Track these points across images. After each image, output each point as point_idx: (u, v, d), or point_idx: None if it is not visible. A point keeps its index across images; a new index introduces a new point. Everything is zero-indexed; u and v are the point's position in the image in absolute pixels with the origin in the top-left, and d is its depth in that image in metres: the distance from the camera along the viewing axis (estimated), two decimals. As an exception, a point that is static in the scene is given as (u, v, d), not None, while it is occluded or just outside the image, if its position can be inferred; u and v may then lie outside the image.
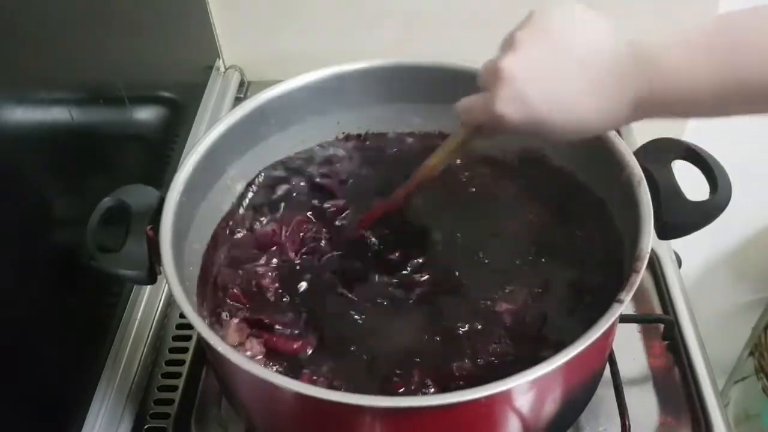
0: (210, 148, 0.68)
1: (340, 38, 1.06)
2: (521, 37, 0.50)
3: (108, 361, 0.73)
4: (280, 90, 0.72)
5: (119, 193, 0.63)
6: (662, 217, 0.60)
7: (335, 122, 0.78)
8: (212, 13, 1.06)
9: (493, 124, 0.52)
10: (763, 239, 1.34)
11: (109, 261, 0.60)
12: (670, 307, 0.77)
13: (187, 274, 0.64)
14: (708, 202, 0.61)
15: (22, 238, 0.59)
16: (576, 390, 0.60)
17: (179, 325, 0.78)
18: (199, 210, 0.68)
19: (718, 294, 1.41)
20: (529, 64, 0.49)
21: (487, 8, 1.02)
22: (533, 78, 0.49)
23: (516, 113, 0.50)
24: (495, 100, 0.50)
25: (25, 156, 0.60)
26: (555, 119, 0.50)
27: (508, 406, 0.54)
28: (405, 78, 0.75)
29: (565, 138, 0.52)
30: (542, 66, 0.49)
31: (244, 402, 0.64)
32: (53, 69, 0.65)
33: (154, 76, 0.90)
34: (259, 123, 0.72)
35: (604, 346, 0.64)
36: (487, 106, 0.51)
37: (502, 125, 0.51)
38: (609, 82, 0.49)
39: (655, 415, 0.69)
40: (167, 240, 0.59)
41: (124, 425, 0.69)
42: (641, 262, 0.54)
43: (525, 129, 0.51)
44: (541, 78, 0.49)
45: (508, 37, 0.52)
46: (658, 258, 0.81)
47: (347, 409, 0.51)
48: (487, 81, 0.52)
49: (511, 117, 0.50)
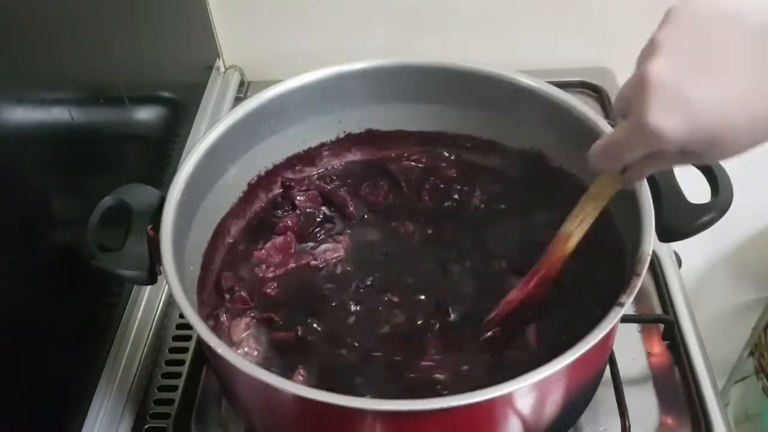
0: (211, 147, 0.68)
1: (340, 38, 1.06)
2: (665, 36, 0.41)
3: (108, 361, 0.73)
4: (281, 89, 0.72)
5: (120, 193, 0.63)
6: (663, 219, 0.60)
7: (336, 121, 0.78)
8: (212, 13, 1.06)
9: (648, 148, 0.42)
10: (763, 239, 1.34)
11: (110, 260, 0.60)
12: (670, 307, 0.77)
13: (188, 273, 0.64)
14: (709, 204, 0.60)
15: (22, 238, 0.59)
16: (576, 392, 0.60)
17: (179, 325, 0.78)
18: (200, 209, 0.68)
19: (718, 294, 1.41)
20: (685, 62, 0.40)
21: (489, 8, 1.02)
22: (694, 76, 0.40)
23: (679, 123, 0.40)
24: (646, 115, 0.40)
25: (25, 156, 0.60)
26: (735, 118, 0.39)
27: (509, 408, 0.54)
28: (406, 78, 0.75)
29: (754, 142, 0.41)
30: (704, 60, 0.40)
31: (243, 403, 0.64)
32: (53, 69, 0.65)
33: (154, 76, 0.90)
34: (260, 122, 0.73)
35: (604, 349, 0.64)
36: (636, 129, 0.42)
37: (661, 144, 0.41)
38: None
39: (655, 415, 0.69)
40: (168, 239, 0.59)
41: (124, 425, 0.69)
42: (642, 265, 0.54)
43: (695, 142, 0.41)
44: (705, 74, 0.39)
45: (647, 46, 0.43)
46: (658, 258, 0.81)
47: (347, 412, 0.50)
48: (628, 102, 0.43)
49: (675, 129, 0.40)
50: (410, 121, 0.79)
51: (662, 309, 0.78)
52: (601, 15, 1.03)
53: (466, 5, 1.03)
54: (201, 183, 0.67)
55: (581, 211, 0.54)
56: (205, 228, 0.70)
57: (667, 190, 0.61)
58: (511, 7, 1.03)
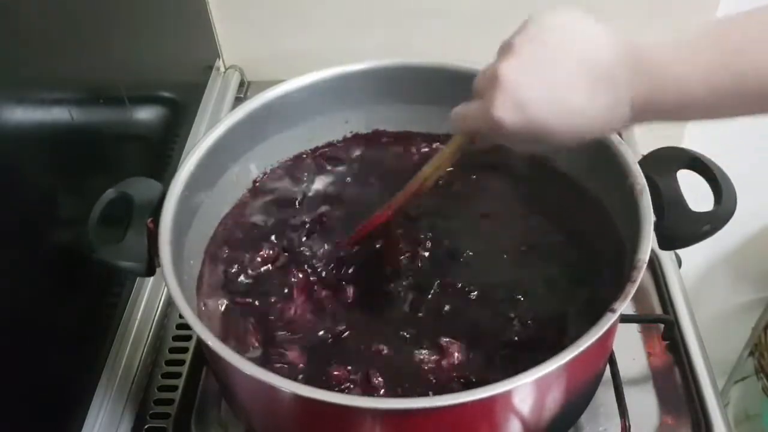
0: (214, 144, 0.68)
1: (340, 38, 1.06)
2: (518, 42, 0.50)
3: (108, 361, 0.73)
4: (287, 88, 0.72)
5: (123, 186, 0.63)
6: (664, 227, 0.60)
7: (343, 121, 0.78)
8: (212, 13, 1.06)
9: (490, 131, 0.52)
10: (763, 239, 1.34)
11: (109, 252, 0.60)
12: (670, 307, 0.77)
13: (187, 268, 0.64)
14: (711, 213, 0.60)
15: (22, 238, 0.59)
16: (575, 392, 0.60)
17: (179, 325, 0.78)
18: (202, 205, 0.68)
19: (718, 294, 1.41)
20: (527, 69, 0.49)
21: (489, 8, 1.02)
22: (531, 83, 0.49)
23: (514, 118, 0.49)
24: (493, 105, 0.50)
25: (25, 156, 0.60)
26: (553, 123, 0.50)
27: (508, 407, 0.54)
28: (409, 78, 0.75)
29: (563, 143, 0.51)
30: (540, 71, 0.49)
31: (243, 403, 0.64)
32: (53, 69, 0.65)
33: (154, 76, 0.90)
34: (266, 120, 0.73)
35: (602, 350, 0.64)
36: (485, 113, 0.51)
37: (500, 131, 0.51)
38: (607, 85, 0.49)
39: (655, 415, 0.69)
40: (167, 232, 0.59)
41: (124, 425, 0.69)
42: (638, 272, 0.54)
43: (523, 135, 0.51)
44: (539, 83, 0.49)
45: (504, 44, 0.52)
46: (658, 258, 0.81)
47: (346, 411, 0.51)
48: (483, 87, 0.52)
49: (510, 122, 0.50)
50: (416, 121, 0.79)
51: (662, 309, 0.78)
52: (600, 15, 1.03)
53: (466, 5, 1.03)
54: (204, 179, 0.67)
55: (437, 159, 0.62)
56: (207, 224, 0.70)
57: (669, 198, 0.61)
58: (511, 7, 1.02)
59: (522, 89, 0.49)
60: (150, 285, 0.81)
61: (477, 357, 0.62)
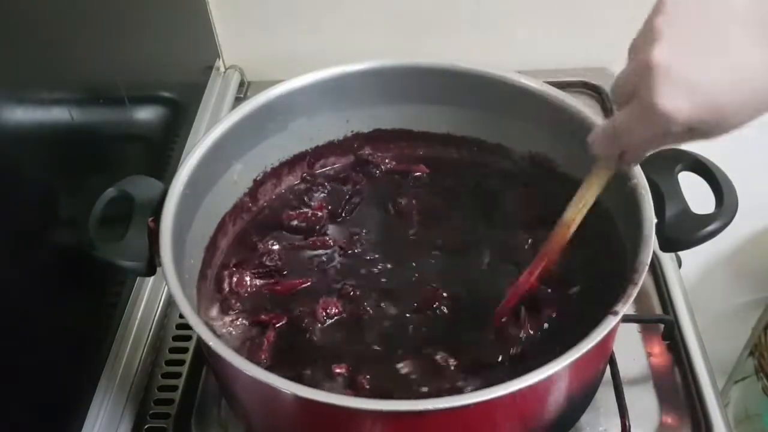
0: (215, 143, 0.68)
1: (340, 38, 1.06)
2: (660, 23, 0.44)
3: (108, 361, 0.73)
4: (287, 88, 0.72)
5: (123, 184, 0.63)
6: (665, 229, 0.60)
7: (344, 120, 0.78)
8: (212, 13, 1.06)
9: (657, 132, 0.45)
10: (763, 239, 1.34)
11: (109, 251, 0.60)
12: (670, 307, 0.77)
13: (187, 266, 0.64)
14: (713, 215, 0.60)
15: (22, 238, 0.59)
16: (576, 393, 0.60)
17: (179, 325, 0.78)
18: (203, 204, 0.68)
19: (718, 294, 1.41)
20: (682, 45, 0.43)
21: (489, 8, 1.02)
22: (695, 59, 0.43)
23: (687, 105, 0.43)
24: (658, 100, 0.43)
25: (25, 156, 0.60)
26: (731, 98, 0.43)
27: (508, 409, 0.54)
28: (411, 78, 0.75)
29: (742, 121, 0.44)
30: (699, 43, 0.43)
31: (243, 403, 0.64)
32: (53, 69, 0.65)
33: (154, 76, 0.90)
34: (267, 119, 0.73)
35: (602, 353, 0.64)
36: (645, 114, 0.45)
37: (671, 127, 0.44)
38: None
39: (655, 415, 0.69)
40: (168, 231, 0.59)
41: (124, 425, 0.69)
42: (639, 274, 0.54)
43: (696, 123, 0.44)
44: (704, 55, 0.43)
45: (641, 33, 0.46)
46: (658, 258, 0.81)
47: (346, 412, 0.50)
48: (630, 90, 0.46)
49: (684, 112, 0.43)
50: (419, 122, 0.79)
51: (662, 309, 0.78)
52: (601, 15, 1.03)
53: (466, 6, 1.03)
54: (205, 178, 0.67)
55: (581, 198, 0.56)
56: (208, 223, 0.70)
57: (670, 200, 0.61)
58: (511, 8, 1.03)
59: (687, 69, 0.43)
60: (150, 285, 0.81)
61: (476, 356, 0.62)
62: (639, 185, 0.60)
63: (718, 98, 0.43)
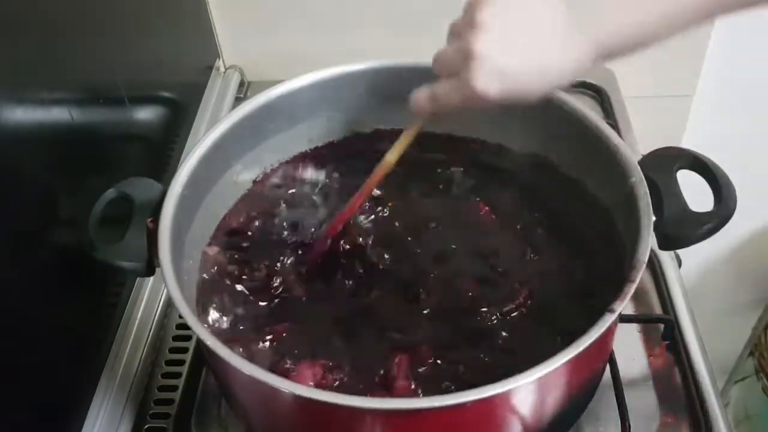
0: (214, 144, 0.68)
1: (340, 38, 1.06)
2: (482, 15, 0.51)
3: (108, 361, 0.73)
4: (287, 88, 0.72)
5: (123, 185, 0.63)
6: (664, 227, 0.59)
7: (344, 121, 0.78)
8: (212, 13, 1.06)
9: (470, 103, 0.54)
10: (763, 239, 1.34)
11: (109, 252, 0.60)
12: (670, 307, 0.77)
13: (186, 267, 0.64)
14: (711, 213, 0.60)
15: (22, 238, 0.59)
16: (575, 392, 0.59)
17: (179, 325, 0.78)
18: (202, 205, 0.68)
19: (718, 294, 1.41)
20: (498, 37, 0.51)
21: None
22: (507, 51, 0.51)
23: (498, 87, 0.52)
24: (474, 80, 0.51)
25: (25, 156, 0.60)
26: (533, 81, 0.53)
27: (507, 408, 0.54)
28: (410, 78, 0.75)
29: (537, 97, 0.54)
30: (511, 37, 0.51)
31: (243, 403, 0.64)
32: (53, 69, 0.65)
33: (154, 76, 0.90)
34: (266, 120, 0.73)
35: (601, 351, 0.64)
36: (463, 88, 0.53)
37: (482, 102, 0.53)
38: (570, 24, 0.51)
39: (655, 415, 0.69)
40: (166, 232, 0.59)
41: (124, 425, 0.69)
42: (636, 272, 0.54)
43: (507, 98, 0.53)
44: (514, 49, 0.51)
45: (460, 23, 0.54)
46: (658, 258, 0.81)
47: (346, 411, 0.50)
48: (453, 67, 0.54)
49: (494, 92, 0.52)
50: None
51: (662, 309, 0.78)
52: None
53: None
54: (204, 179, 0.67)
55: (399, 146, 0.63)
56: (208, 223, 0.70)
57: (669, 198, 0.61)
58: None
59: (503, 60, 0.51)
60: (150, 285, 0.81)
61: (475, 355, 0.62)
62: (637, 183, 0.60)
63: (524, 82, 0.53)
